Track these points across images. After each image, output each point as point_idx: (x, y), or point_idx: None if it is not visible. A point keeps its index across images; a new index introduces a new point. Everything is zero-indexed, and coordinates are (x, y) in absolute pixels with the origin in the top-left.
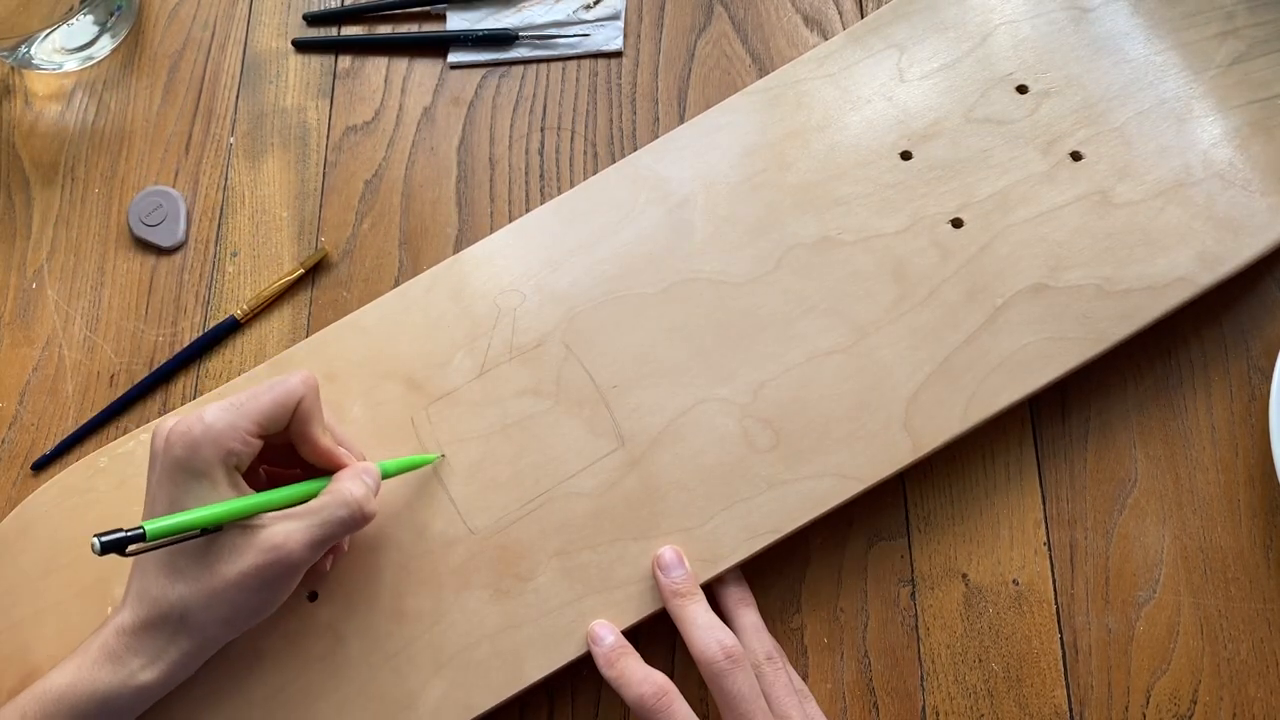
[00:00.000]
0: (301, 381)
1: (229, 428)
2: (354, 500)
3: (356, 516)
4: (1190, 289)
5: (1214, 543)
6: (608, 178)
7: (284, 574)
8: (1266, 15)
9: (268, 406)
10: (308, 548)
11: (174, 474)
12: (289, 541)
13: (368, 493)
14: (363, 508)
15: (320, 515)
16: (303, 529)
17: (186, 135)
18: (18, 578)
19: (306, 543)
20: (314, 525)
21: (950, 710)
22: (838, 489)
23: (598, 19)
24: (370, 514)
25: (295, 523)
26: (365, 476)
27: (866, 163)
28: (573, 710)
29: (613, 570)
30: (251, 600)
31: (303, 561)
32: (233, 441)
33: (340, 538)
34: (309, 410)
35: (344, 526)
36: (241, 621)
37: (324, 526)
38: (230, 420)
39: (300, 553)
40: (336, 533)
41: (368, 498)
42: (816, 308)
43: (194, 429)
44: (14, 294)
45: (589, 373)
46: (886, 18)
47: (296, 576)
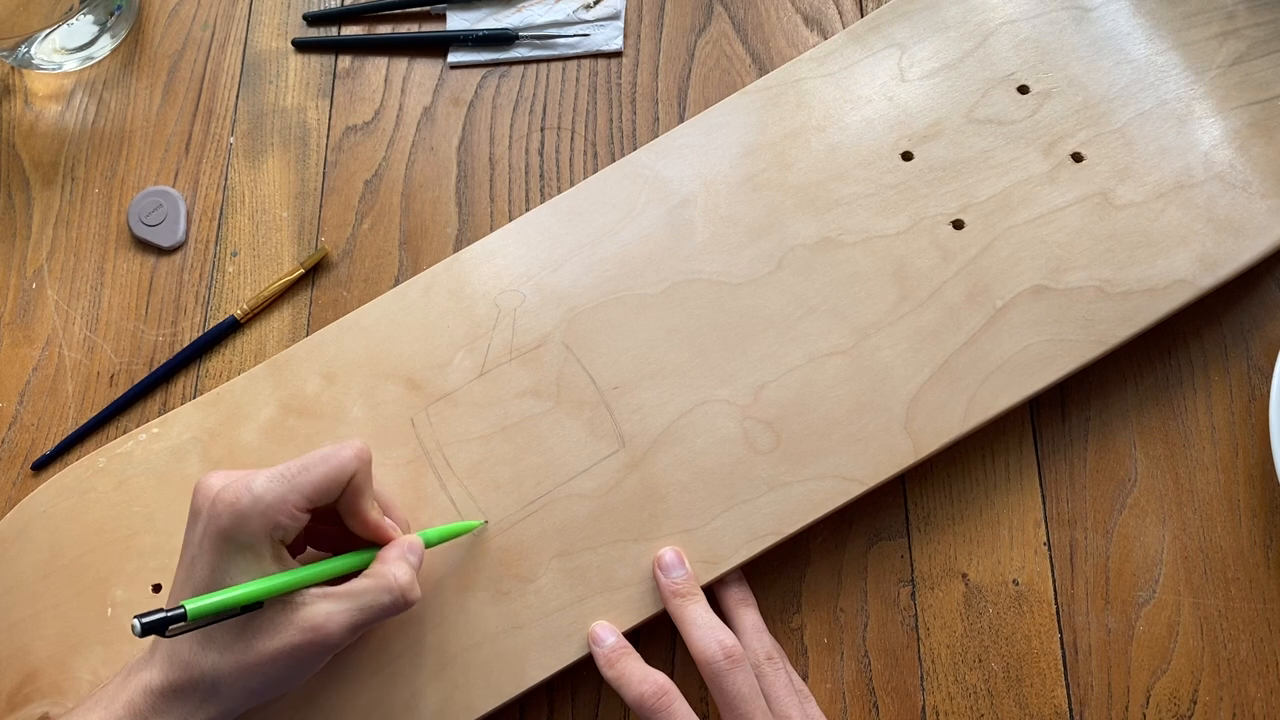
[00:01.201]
0: (355, 455)
1: (279, 501)
2: (398, 587)
3: (399, 603)
4: (1191, 291)
5: (1214, 543)
6: (607, 177)
7: (320, 654)
8: (1267, 15)
9: (320, 480)
10: (347, 630)
11: (218, 543)
12: (329, 623)
13: (412, 578)
14: (405, 595)
15: (363, 599)
16: (344, 611)
17: (186, 135)
18: (17, 578)
19: (346, 625)
20: (355, 609)
21: (950, 710)
22: (838, 491)
23: (598, 19)
24: (414, 600)
25: (336, 604)
26: (410, 557)
27: (867, 163)
28: (573, 710)
29: (613, 571)
30: (284, 675)
31: (340, 643)
32: (281, 515)
33: (380, 621)
34: (360, 485)
35: (385, 612)
36: (268, 694)
37: (365, 612)
38: (281, 494)
39: (339, 635)
40: (377, 618)
41: (411, 584)
42: (817, 309)
43: (242, 499)
44: (14, 294)
45: (589, 374)
46: (887, 17)
47: (330, 656)
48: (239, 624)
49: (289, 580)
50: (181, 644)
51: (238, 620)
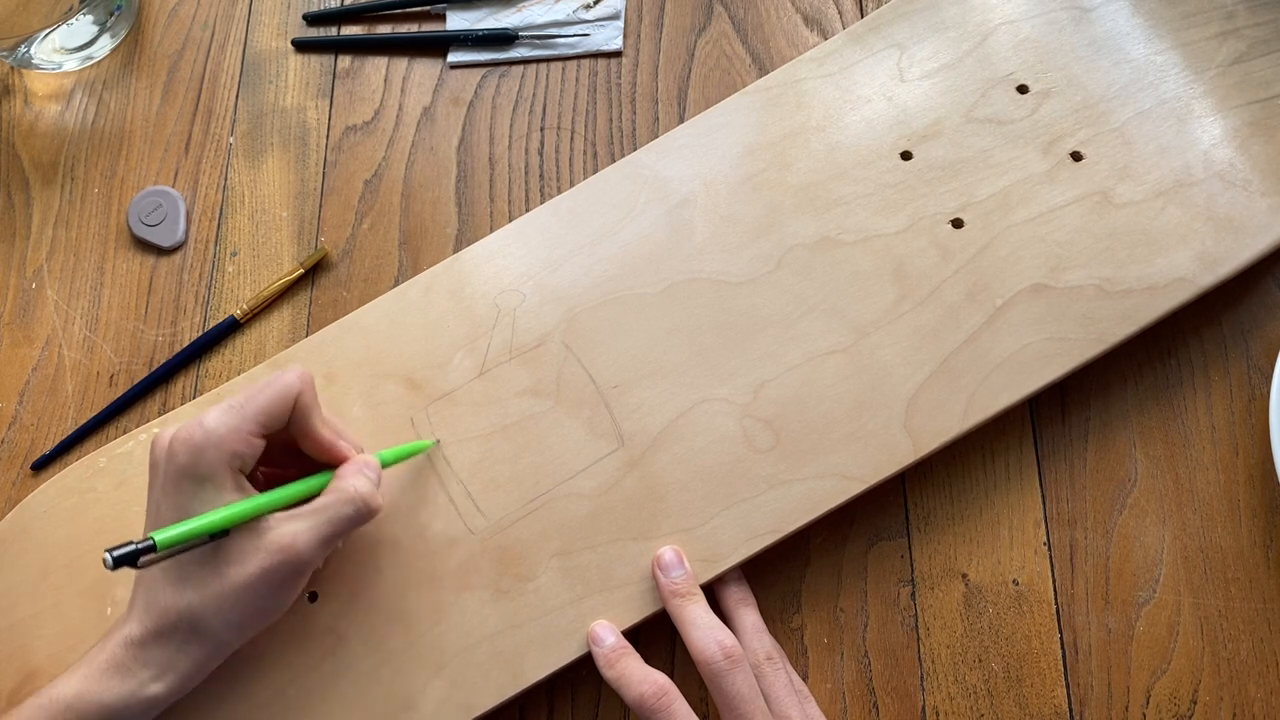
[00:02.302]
0: (298, 377)
1: (231, 431)
2: (359, 496)
3: (363, 512)
4: (1190, 289)
5: (1214, 543)
6: (607, 178)
7: (293, 574)
8: (1267, 15)
9: (266, 405)
10: (316, 546)
11: (179, 481)
12: (297, 541)
13: (371, 487)
14: (368, 503)
15: (327, 513)
16: (310, 528)
17: (186, 135)
18: (17, 578)
19: (314, 541)
20: (321, 524)
21: (950, 710)
22: (838, 489)
23: (598, 19)
24: (376, 508)
25: (302, 522)
26: (368, 471)
27: (866, 163)
28: (573, 710)
29: (613, 570)
30: (262, 603)
31: (311, 560)
32: (236, 444)
33: (348, 533)
34: (307, 405)
35: (351, 523)
36: (252, 625)
37: (331, 524)
38: (232, 423)
39: (308, 552)
40: (344, 529)
41: (372, 493)
42: (816, 308)
43: (195, 435)
44: (14, 294)
45: (589, 373)
46: (886, 17)
47: (305, 576)
48: (209, 558)
49: (254, 504)
50: (156, 590)
51: (208, 554)
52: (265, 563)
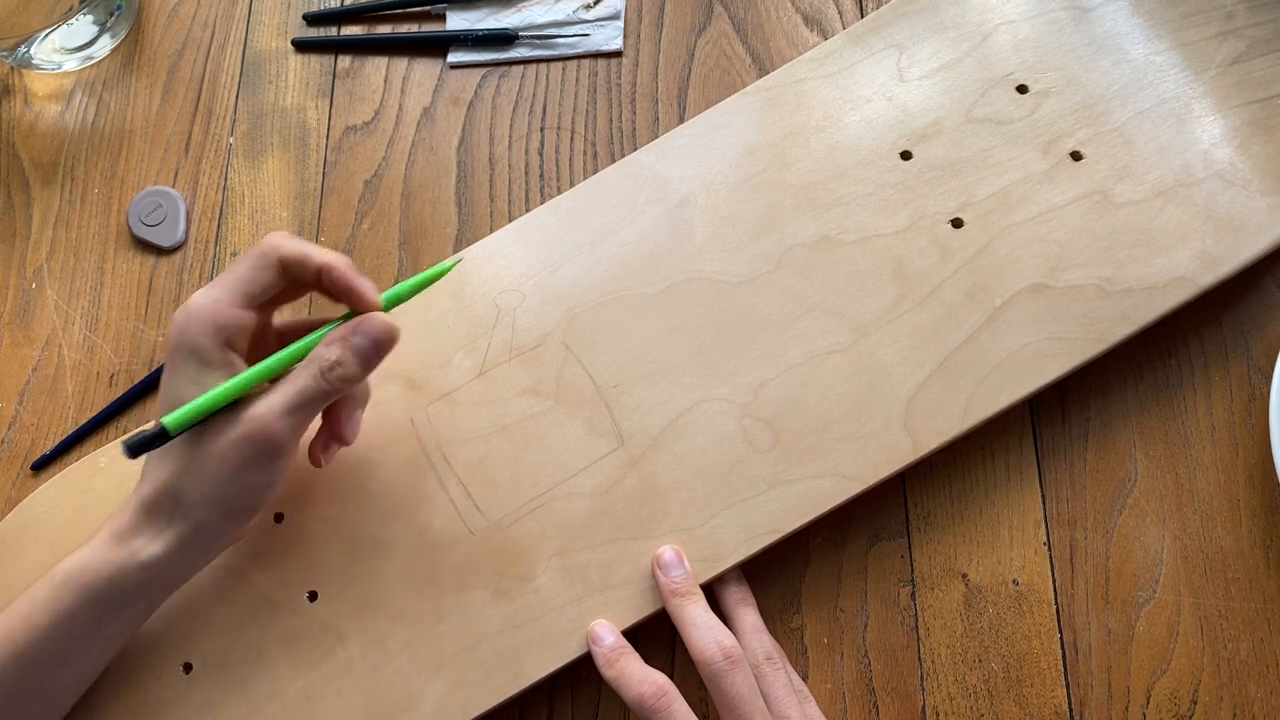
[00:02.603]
0: (271, 236)
1: (212, 303)
2: (324, 363)
3: (329, 380)
4: (1190, 289)
5: (1214, 543)
6: (607, 178)
7: (267, 448)
8: (1266, 15)
9: (244, 272)
10: (283, 416)
11: (173, 360)
12: (267, 413)
13: (344, 354)
14: (332, 371)
15: (294, 384)
16: (278, 400)
17: (186, 135)
18: (18, 578)
19: (282, 411)
20: (290, 393)
21: (950, 710)
22: (837, 489)
23: (598, 19)
24: (347, 376)
25: (274, 395)
26: (356, 336)
27: (866, 163)
28: (572, 710)
29: (612, 570)
30: (237, 479)
31: (281, 433)
32: (218, 316)
33: (322, 404)
34: (297, 252)
35: (317, 395)
36: (236, 501)
37: (298, 395)
38: (213, 296)
39: (277, 423)
40: (311, 399)
41: (343, 360)
42: (816, 307)
43: (179, 316)
44: (14, 294)
45: (589, 373)
46: (886, 17)
47: (283, 451)
48: (194, 434)
49: (246, 379)
50: (152, 465)
51: (194, 431)
52: (235, 436)
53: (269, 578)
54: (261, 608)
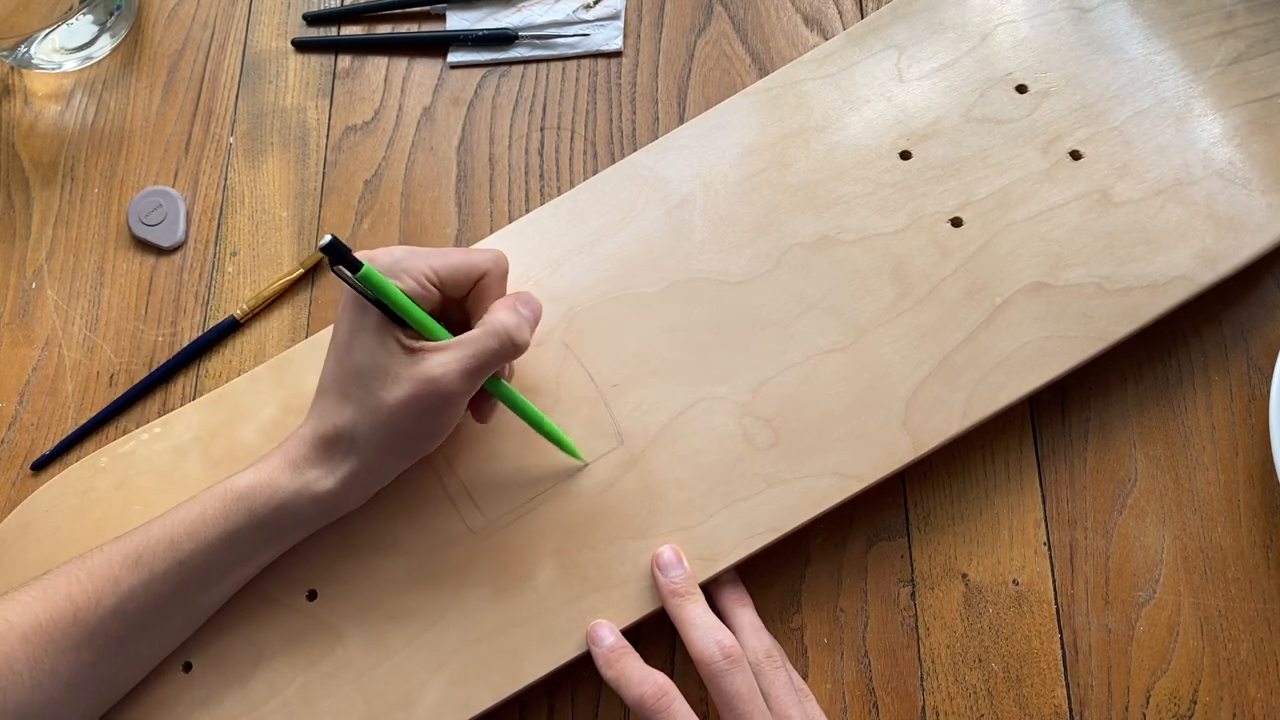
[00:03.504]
0: (491, 258)
1: (411, 264)
2: (504, 330)
3: (507, 346)
4: (1190, 287)
5: (1214, 543)
6: (607, 178)
7: (441, 404)
8: (1266, 15)
9: (451, 264)
10: (461, 378)
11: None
12: (446, 372)
13: (520, 321)
14: (512, 337)
15: (473, 346)
16: (455, 359)
17: (186, 135)
18: (18, 578)
19: (460, 373)
20: (466, 356)
21: (950, 710)
22: (837, 488)
23: (597, 19)
24: (522, 343)
25: (450, 354)
26: (521, 307)
27: (866, 162)
28: (572, 710)
29: (612, 569)
30: (412, 428)
31: (457, 392)
32: (409, 275)
33: (495, 367)
34: (488, 287)
35: (497, 356)
36: (406, 448)
37: (476, 357)
38: (415, 262)
39: (454, 383)
40: (489, 363)
41: (520, 326)
42: (816, 307)
43: (379, 257)
44: (14, 294)
45: (588, 372)
46: (886, 18)
47: (454, 407)
48: (369, 380)
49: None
50: (325, 404)
51: (370, 379)
52: (414, 390)
53: (268, 576)
54: (261, 606)
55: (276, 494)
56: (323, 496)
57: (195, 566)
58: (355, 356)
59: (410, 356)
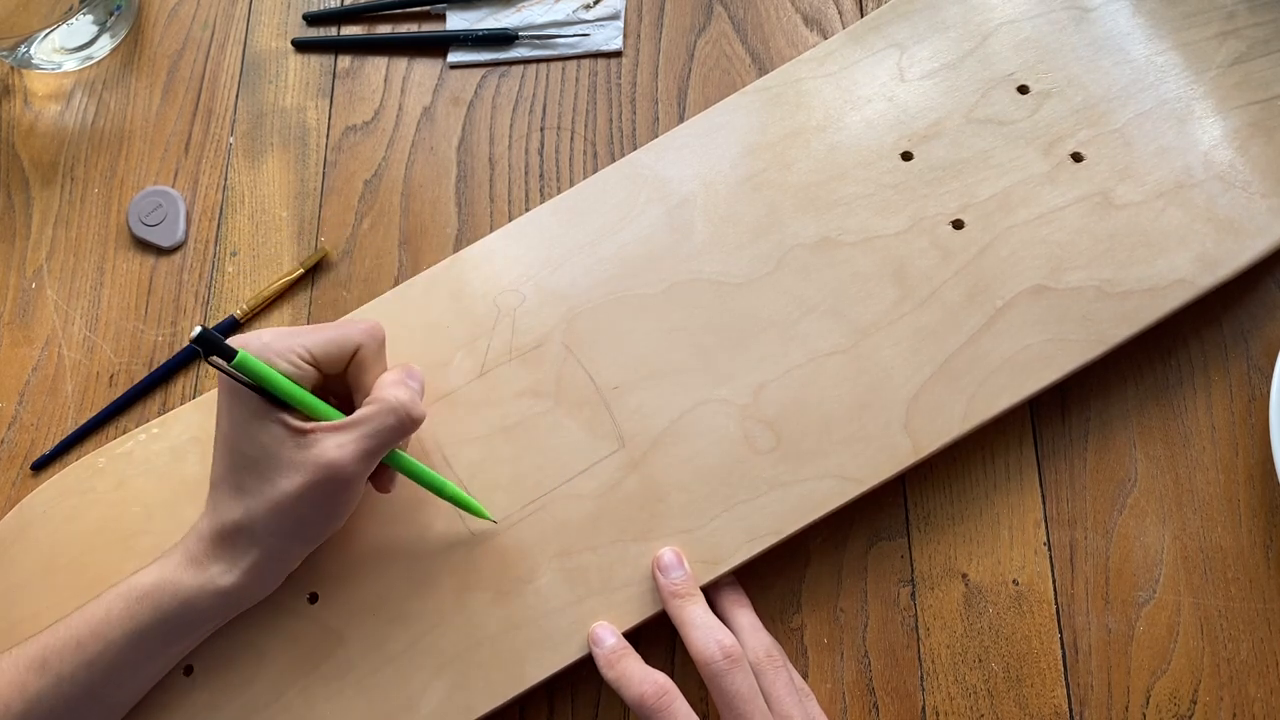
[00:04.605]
0: (364, 331)
1: (284, 348)
2: (400, 407)
3: (405, 422)
4: (1191, 291)
5: (1214, 543)
6: (607, 178)
7: (339, 489)
8: (1267, 15)
9: (323, 341)
10: (359, 459)
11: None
12: (342, 455)
13: (413, 395)
14: (409, 412)
15: (369, 425)
16: (352, 441)
17: (186, 135)
18: (17, 578)
19: (357, 454)
20: (364, 436)
21: (950, 710)
22: (838, 490)
23: (597, 19)
24: (419, 417)
25: (346, 435)
26: (409, 381)
27: (867, 163)
28: (573, 710)
29: (613, 572)
30: (312, 515)
31: (355, 475)
32: (281, 359)
33: (393, 445)
34: (366, 360)
35: (394, 434)
36: (308, 533)
37: (374, 437)
38: (286, 343)
39: (352, 466)
40: (388, 441)
41: (414, 401)
42: (817, 309)
43: (250, 343)
44: (14, 294)
45: (589, 373)
46: (887, 17)
47: (355, 488)
48: (262, 470)
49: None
50: (220, 497)
51: (260, 468)
52: (310, 477)
53: None
54: (262, 610)
55: (180, 592)
56: (228, 590)
57: (103, 667)
58: (244, 447)
59: (302, 439)
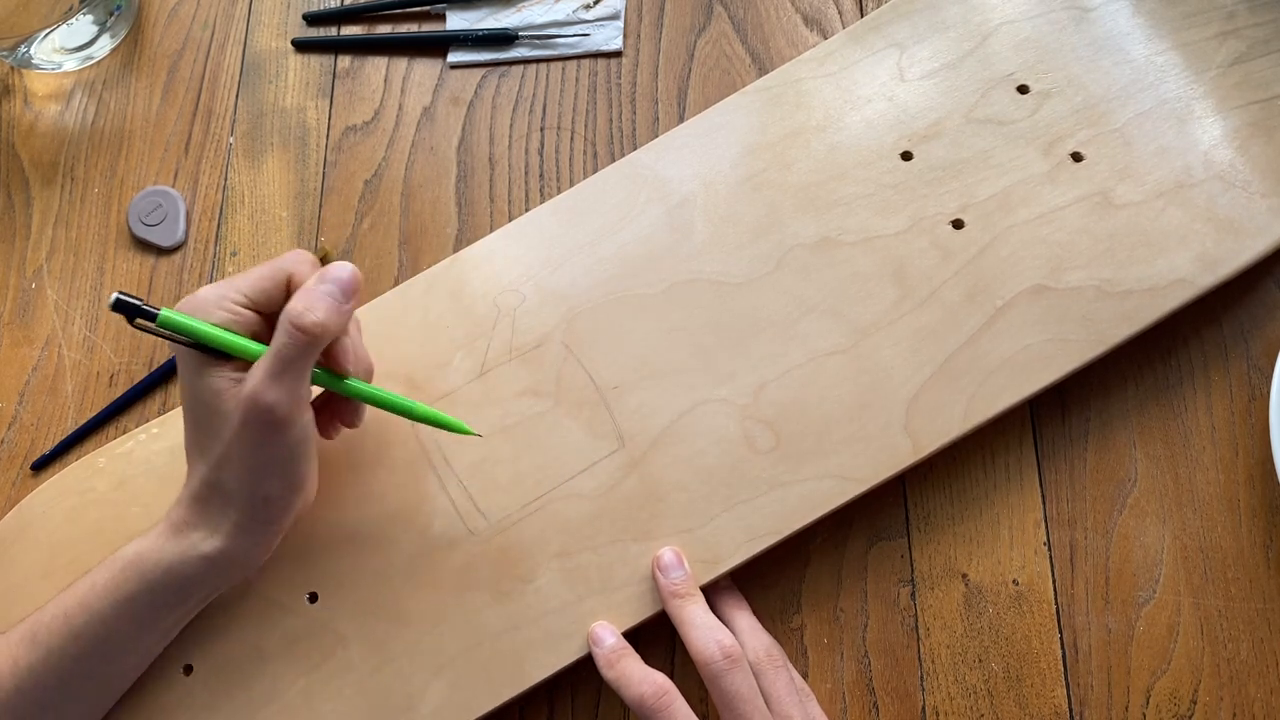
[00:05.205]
0: (294, 258)
1: (217, 297)
2: (286, 318)
3: (296, 335)
4: (1190, 290)
5: (1214, 543)
6: (607, 178)
7: (266, 421)
8: (1267, 15)
9: (257, 279)
10: (271, 385)
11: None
12: (255, 385)
13: (309, 302)
14: (295, 322)
15: (272, 349)
16: (260, 368)
17: (186, 135)
18: (17, 578)
19: (266, 379)
20: (268, 361)
21: (950, 710)
22: (838, 490)
23: (597, 19)
24: (310, 324)
25: (256, 367)
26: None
27: (867, 163)
28: (573, 710)
29: (613, 571)
30: (260, 459)
31: (276, 402)
32: (218, 310)
33: (301, 362)
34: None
35: (296, 349)
36: (271, 484)
37: (276, 357)
38: (219, 292)
39: (267, 393)
40: (289, 357)
41: (307, 309)
42: (817, 308)
43: (185, 302)
44: (14, 294)
45: (589, 373)
46: (887, 16)
47: (288, 423)
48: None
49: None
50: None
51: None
52: (240, 418)
53: (269, 579)
54: (262, 608)
55: (163, 559)
56: (212, 555)
57: (91, 638)
58: (194, 407)
59: (238, 387)
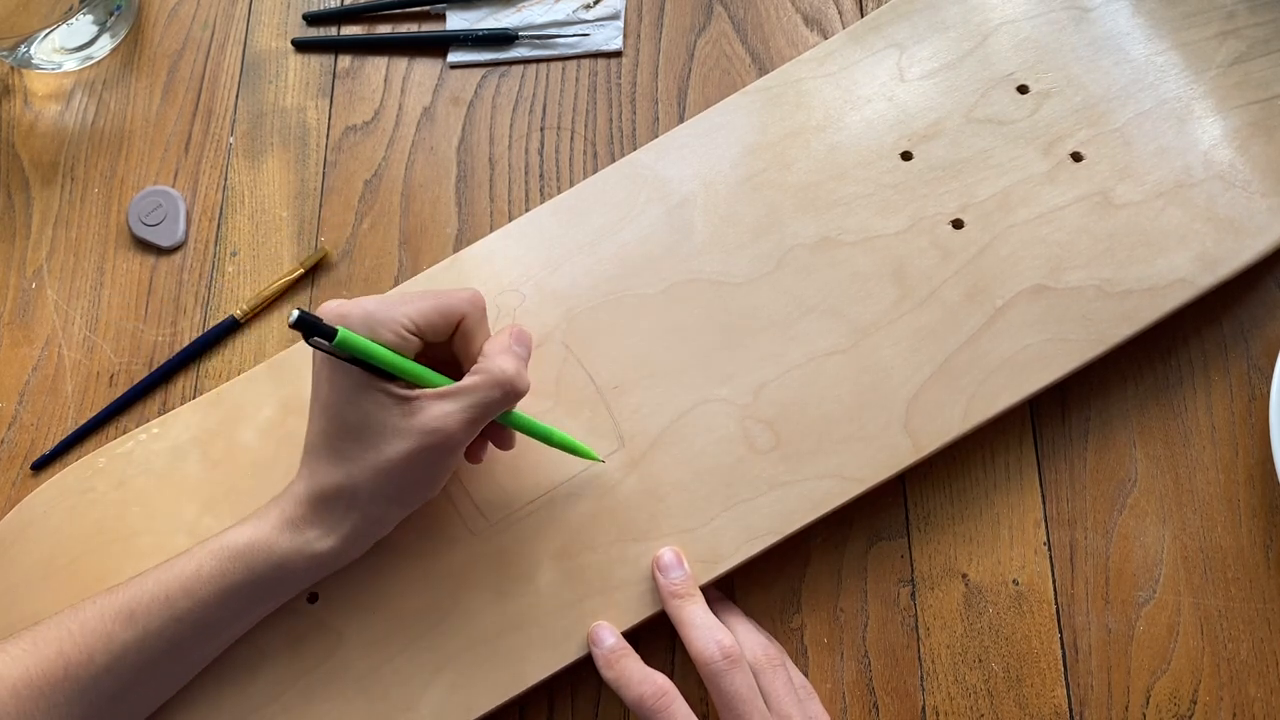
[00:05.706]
0: (466, 299)
1: (386, 316)
2: (506, 379)
3: (510, 394)
4: (1190, 290)
5: (1214, 543)
6: (607, 178)
7: (444, 455)
8: (1267, 15)
9: (426, 310)
10: (464, 427)
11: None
12: (448, 423)
13: (519, 368)
14: (515, 385)
15: (475, 396)
16: (459, 409)
17: (186, 135)
18: (17, 578)
19: (463, 423)
20: (470, 406)
21: (950, 710)
22: (838, 490)
23: (597, 19)
24: (524, 388)
25: (451, 404)
26: (517, 348)
27: (867, 163)
28: (572, 710)
29: (613, 571)
30: (415, 479)
31: (460, 442)
32: (385, 329)
33: (497, 414)
34: (470, 329)
35: (498, 405)
36: (409, 498)
37: (479, 408)
38: (388, 311)
39: (458, 433)
40: (491, 412)
41: (520, 373)
42: (817, 308)
43: (352, 312)
44: (14, 294)
45: (589, 373)
46: (887, 16)
47: (455, 455)
48: (364, 436)
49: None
50: (319, 463)
51: (367, 436)
52: (416, 443)
53: None
54: None
55: (275, 553)
56: (323, 555)
57: (191, 624)
58: (346, 414)
59: (407, 406)
